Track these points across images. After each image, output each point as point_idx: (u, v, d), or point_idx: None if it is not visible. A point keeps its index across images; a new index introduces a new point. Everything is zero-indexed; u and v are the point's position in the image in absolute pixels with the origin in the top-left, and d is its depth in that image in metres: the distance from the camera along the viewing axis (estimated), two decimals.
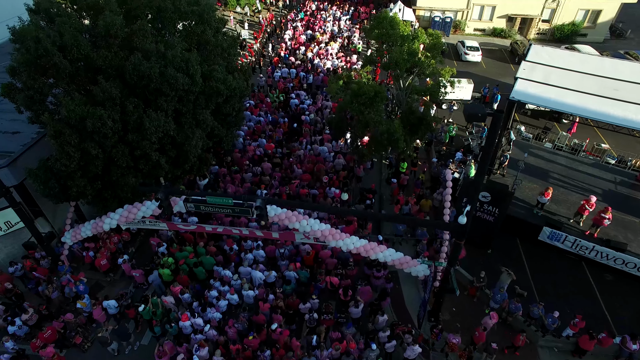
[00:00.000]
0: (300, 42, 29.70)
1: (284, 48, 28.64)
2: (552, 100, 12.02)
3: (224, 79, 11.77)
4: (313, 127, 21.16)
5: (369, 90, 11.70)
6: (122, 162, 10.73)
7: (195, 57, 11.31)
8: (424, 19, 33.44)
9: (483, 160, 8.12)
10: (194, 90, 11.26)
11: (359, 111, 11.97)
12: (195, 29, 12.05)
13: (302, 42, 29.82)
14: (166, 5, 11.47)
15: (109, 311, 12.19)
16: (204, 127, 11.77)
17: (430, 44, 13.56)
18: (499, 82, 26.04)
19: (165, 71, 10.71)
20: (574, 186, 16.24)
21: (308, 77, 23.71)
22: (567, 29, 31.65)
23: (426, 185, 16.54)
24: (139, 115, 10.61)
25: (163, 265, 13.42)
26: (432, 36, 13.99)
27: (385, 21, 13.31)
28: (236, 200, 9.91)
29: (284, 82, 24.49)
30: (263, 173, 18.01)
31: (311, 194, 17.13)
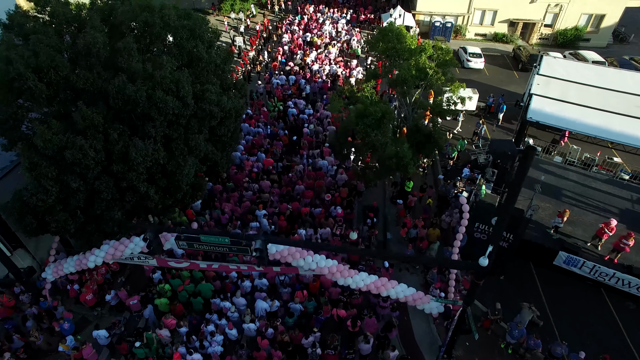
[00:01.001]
0: (299, 46, 28.76)
1: (281, 52, 27.71)
2: (573, 122, 11.20)
3: (218, 100, 10.78)
4: (314, 138, 20.22)
5: (376, 111, 10.79)
6: (106, 195, 9.71)
7: (187, 77, 10.31)
8: (424, 24, 32.61)
9: (509, 200, 7.22)
10: (185, 114, 10.27)
11: (365, 133, 11.04)
12: (186, 44, 11.04)
13: (300, 45, 28.88)
14: (154, 19, 10.45)
15: (99, 342, 11.22)
16: (197, 153, 10.77)
17: (441, 60, 12.65)
18: (503, 90, 25.29)
19: (153, 94, 9.71)
20: (589, 205, 15.43)
21: (306, 88, 22.74)
22: (570, 34, 30.99)
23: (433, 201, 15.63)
24: (124, 144, 9.60)
25: (159, 294, 12.49)
26: (441, 50, 13.10)
27: (391, 34, 12.39)
28: (233, 239, 8.96)
29: (282, 89, 23.54)
30: (262, 190, 17.04)
31: (313, 214, 16.21)
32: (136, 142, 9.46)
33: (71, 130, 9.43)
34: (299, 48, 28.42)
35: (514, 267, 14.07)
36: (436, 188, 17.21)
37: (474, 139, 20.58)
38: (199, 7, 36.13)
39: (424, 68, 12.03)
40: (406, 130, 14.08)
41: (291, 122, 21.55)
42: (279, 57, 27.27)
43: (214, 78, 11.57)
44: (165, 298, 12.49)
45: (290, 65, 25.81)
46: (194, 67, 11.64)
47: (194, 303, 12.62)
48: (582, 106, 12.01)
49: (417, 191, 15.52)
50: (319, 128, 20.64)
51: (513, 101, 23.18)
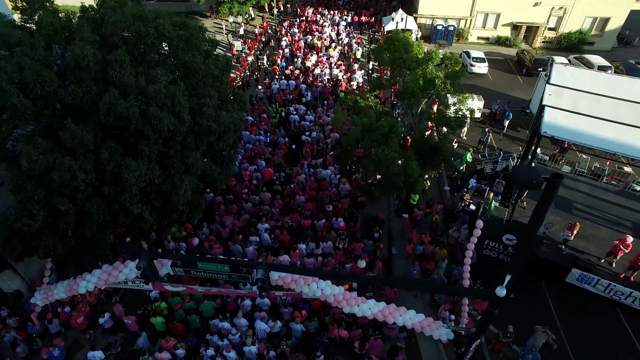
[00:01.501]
0: (300, 48, 28.20)
1: (281, 55, 27.15)
2: (589, 136, 10.64)
3: (216, 115, 10.19)
4: (315, 146, 19.62)
5: (383, 125, 10.22)
6: (97, 218, 9.11)
7: (182, 92, 9.71)
8: (426, 27, 32.10)
9: (531, 230, 6.66)
10: (181, 130, 9.67)
11: (371, 148, 10.47)
12: (182, 56, 10.45)
13: (301, 47, 28.32)
14: (148, 30, 9.85)
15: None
16: (194, 171, 10.19)
17: (451, 71, 12.08)
18: (507, 96, 24.76)
19: (146, 110, 9.12)
20: (601, 218, 14.89)
21: (307, 95, 22.17)
22: (574, 37, 30.52)
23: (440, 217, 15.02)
24: (116, 164, 9.00)
25: (155, 312, 11.92)
26: (450, 60, 12.54)
27: (398, 44, 11.82)
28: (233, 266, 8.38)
29: (282, 94, 22.98)
30: (262, 202, 16.45)
31: (315, 227, 15.63)
32: (129, 163, 8.86)
33: (59, 149, 8.83)
34: (299, 51, 27.87)
35: (524, 283, 13.51)
36: (442, 200, 16.65)
37: (479, 148, 20.04)
38: (197, 10, 35.57)
39: (432, 79, 11.47)
40: (411, 141, 13.51)
41: (292, 129, 20.97)
42: (278, 59, 26.73)
43: (211, 91, 10.98)
44: (161, 317, 11.94)
45: (290, 69, 25.26)
46: (190, 78, 11.06)
47: (190, 321, 12.09)
48: (597, 118, 11.46)
49: (424, 206, 14.94)
50: (320, 135, 20.08)
51: (518, 107, 22.66)
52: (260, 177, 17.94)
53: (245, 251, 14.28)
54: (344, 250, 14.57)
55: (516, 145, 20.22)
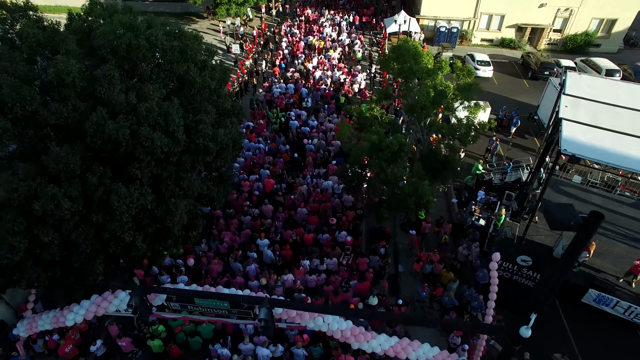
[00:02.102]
0: (301, 48, 27.46)
1: (281, 56, 26.42)
2: (614, 154, 9.96)
3: (213, 134, 9.46)
4: (317, 154, 18.88)
5: (393, 143, 9.52)
6: (85, 248, 8.38)
7: (177, 109, 8.98)
8: (428, 29, 31.37)
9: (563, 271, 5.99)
10: (175, 150, 8.94)
11: (380, 167, 9.78)
12: (176, 68, 9.70)
13: (301, 47, 27.58)
14: (139, 41, 9.10)
15: None
16: (190, 193, 9.46)
17: (464, 84, 11.37)
18: (513, 101, 24.09)
19: (137, 131, 8.38)
20: (617, 233, 14.26)
21: (308, 101, 21.42)
22: (580, 39, 29.87)
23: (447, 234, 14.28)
24: (105, 189, 8.27)
25: (153, 335, 11.25)
26: (463, 71, 11.82)
27: (407, 54, 11.09)
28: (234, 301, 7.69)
29: (283, 97, 22.25)
30: (263, 215, 15.68)
31: (319, 241, 14.92)
32: (118, 189, 8.13)
33: (42, 174, 8.09)
34: (299, 52, 27.16)
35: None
36: (450, 213, 15.99)
37: (486, 156, 19.38)
38: (194, 10, 34.70)
39: (443, 91, 10.77)
40: (419, 154, 12.81)
41: (293, 136, 20.21)
42: (277, 61, 26.00)
43: (208, 105, 10.24)
44: (159, 340, 11.28)
45: (290, 72, 24.52)
46: (185, 92, 10.32)
47: (191, 343, 11.47)
48: (619, 133, 10.79)
49: (434, 224, 14.25)
50: (322, 142, 19.34)
51: (524, 112, 21.94)
52: (261, 188, 17.19)
53: (247, 270, 13.59)
54: (349, 266, 13.89)
55: (525, 155, 19.55)
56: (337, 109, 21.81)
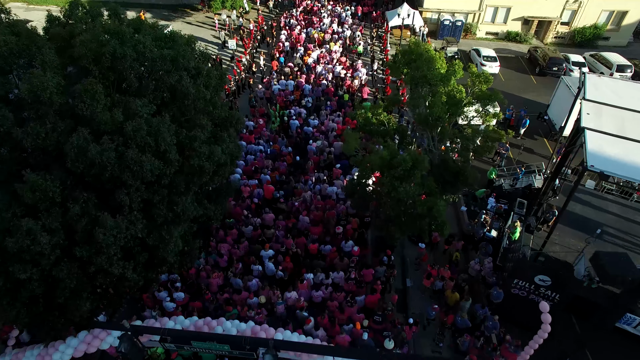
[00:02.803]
0: (301, 41, 26.40)
1: (280, 49, 25.37)
2: None
3: (210, 153, 8.58)
4: (319, 157, 18.00)
5: (406, 161, 8.70)
6: (69, 283, 7.57)
7: (168, 126, 8.08)
8: (432, 22, 30.21)
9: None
10: (167, 173, 8.08)
11: (392, 186, 8.98)
12: (167, 79, 8.76)
13: (302, 39, 26.52)
14: (125, 51, 8.13)
15: None
16: (185, 218, 8.62)
17: (483, 92, 10.48)
18: (521, 99, 23.21)
19: (124, 153, 7.50)
20: (637, 245, 13.58)
21: (308, 102, 20.45)
22: (589, 32, 28.84)
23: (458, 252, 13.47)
24: (89, 219, 7.41)
25: (151, 358, 10.62)
26: (479, 78, 10.90)
27: (420, 59, 10.15)
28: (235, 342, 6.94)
29: (284, 94, 21.29)
30: (265, 225, 14.83)
31: (323, 252, 14.16)
32: (104, 219, 7.28)
33: (18, 204, 7.23)
34: (299, 44, 26.16)
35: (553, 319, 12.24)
36: (459, 223, 15.25)
37: (494, 159, 18.58)
38: (187, 2, 33.33)
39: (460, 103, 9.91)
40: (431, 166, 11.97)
41: (295, 136, 19.27)
42: (277, 53, 24.99)
43: (203, 118, 9.33)
44: None
45: (290, 67, 23.49)
46: (178, 103, 9.39)
47: None
48: None
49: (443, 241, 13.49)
50: (324, 143, 18.44)
51: (531, 110, 21.05)
52: (261, 194, 16.34)
53: (248, 285, 12.85)
54: (356, 281, 13.13)
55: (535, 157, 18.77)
56: (340, 106, 20.90)
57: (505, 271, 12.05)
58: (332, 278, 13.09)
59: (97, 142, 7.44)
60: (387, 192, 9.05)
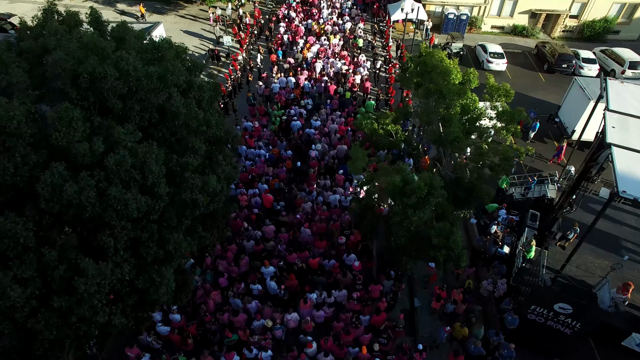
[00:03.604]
0: (300, 33, 25.31)
1: (280, 42, 24.30)
2: None
3: (204, 184, 7.69)
4: (321, 162, 17.09)
5: (421, 188, 7.86)
6: (48, 334, 6.76)
7: (156, 156, 7.17)
8: (435, 15, 28.98)
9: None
10: (156, 208, 7.21)
11: (404, 214, 8.17)
12: (155, 98, 7.81)
13: (301, 33, 25.43)
14: (105, 70, 7.16)
15: None
16: (178, 255, 7.78)
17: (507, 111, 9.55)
18: (528, 98, 22.26)
19: (107, 190, 6.61)
20: None
21: (309, 103, 19.45)
22: (599, 25, 27.72)
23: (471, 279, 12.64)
24: (68, 265, 6.56)
25: None
26: (499, 91, 9.97)
27: (435, 71, 9.19)
28: None
29: (283, 93, 20.28)
30: (265, 238, 13.99)
31: (326, 268, 13.38)
32: (85, 266, 6.43)
33: None
34: (299, 37, 25.10)
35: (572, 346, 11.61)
36: (468, 238, 14.49)
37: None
38: None
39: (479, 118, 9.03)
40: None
41: (295, 139, 18.30)
42: (275, 45, 23.91)
43: (196, 141, 8.40)
44: None
45: (289, 63, 22.41)
46: (167, 123, 8.46)
47: None
48: None
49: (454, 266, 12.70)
50: (325, 146, 17.52)
51: (544, 114, 20.14)
52: (260, 203, 15.44)
53: (248, 308, 12.07)
54: (361, 300, 12.39)
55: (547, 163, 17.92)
56: (342, 104, 19.94)
57: (521, 294, 11.35)
58: (334, 296, 12.37)
59: (75, 178, 6.53)
60: (399, 220, 8.24)
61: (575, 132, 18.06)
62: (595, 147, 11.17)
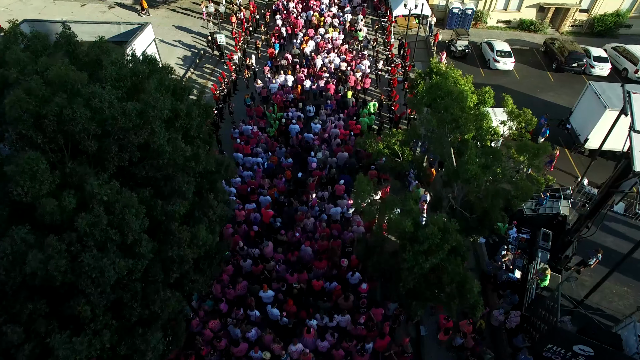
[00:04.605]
0: (299, 26, 24.15)
1: (277, 35, 23.23)
2: None
3: (192, 237, 6.82)
4: (322, 172, 16.19)
5: (434, 234, 7.02)
6: None
7: (137, 209, 6.27)
8: (439, 9, 27.64)
9: None
10: (138, 268, 6.34)
11: (415, 261, 7.37)
12: (135, 137, 6.86)
13: (300, 26, 24.24)
14: (75, 110, 6.18)
15: None
16: (165, 316, 6.96)
17: (531, 145, 8.61)
18: (537, 100, 21.26)
19: (80, 256, 5.74)
20: None
21: (310, 110, 18.40)
22: (610, 20, 26.49)
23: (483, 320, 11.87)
24: (38, 341, 5.74)
25: None
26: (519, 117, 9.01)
27: (449, 97, 8.20)
28: None
29: (283, 92, 19.27)
30: (264, 258, 13.20)
31: (327, 290, 12.65)
32: (55, 345, 5.60)
33: None
34: (298, 29, 23.95)
35: None
36: (477, 260, 13.75)
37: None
38: None
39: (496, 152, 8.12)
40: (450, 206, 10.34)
41: (295, 144, 17.32)
42: (273, 39, 22.76)
43: (184, 183, 7.48)
44: None
45: (287, 59, 21.27)
46: (151, 160, 7.53)
47: None
48: None
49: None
50: (325, 153, 16.60)
51: (555, 118, 19.20)
52: (259, 219, 14.57)
53: (247, 337, 11.35)
54: (366, 326, 11.71)
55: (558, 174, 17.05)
56: (343, 105, 18.96)
57: (535, 329, 10.68)
58: (337, 321, 11.68)
59: (41, 244, 5.65)
60: (409, 267, 7.45)
61: (588, 141, 17.18)
62: (618, 173, 10.31)
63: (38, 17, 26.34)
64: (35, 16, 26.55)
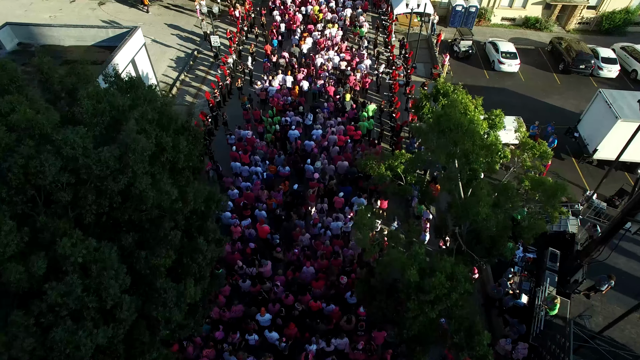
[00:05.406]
0: (297, 22, 23.37)
1: (275, 31, 22.48)
2: None
3: (179, 295, 6.21)
4: (321, 183, 15.55)
5: (442, 283, 6.46)
6: None
7: (117, 267, 5.66)
8: (441, 7, 26.62)
9: None
10: (120, 333, 5.75)
11: (421, 310, 6.83)
12: (113, 185, 6.19)
13: (298, 21, 23.47)
14: (43, 161, 5.50)
15: None
16: None
17: (543, 183, 7.96)
18: (543, 104, 20.52)
19: (50, 331, 5.15)
20: None
21: (308, 117, 17.62)
22: (619, 17, 25.56)
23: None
24: None
25: None
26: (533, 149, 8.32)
27: (458, 129, 7.50)
28: None
29: (279, 96, 18.51)
30: (262, 279, 12.66)
31: (325, 312, 12.15)
32: None
33: None
34: (296, 25, 23.07)
35: None
36: (481, 283, 13.24)
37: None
38: None
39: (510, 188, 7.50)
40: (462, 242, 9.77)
41: (293, 151, 16.60)
42: (270, 36, 21.99)
43: (168, 226, 6.85)
44: None
45: (285, 57, 20.43)
46: (133, 204, 6.88)
47: None
48: None
49: None
50: (324, 162, 15.95)
51: (562, 126, 18.50)
52: (254, 235, 13.98)
53: None
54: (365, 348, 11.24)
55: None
56: (342, 108, 18.24)
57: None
58: (334, 345, 11.20)
59: (5, 318, 5.05)
60: (413, 317, 6.92)
61: (597, 152, 16.53)
62: (635, 201, 9.71)
63: (25, 14, 25.32)
64: (22, 13, 25.48)
